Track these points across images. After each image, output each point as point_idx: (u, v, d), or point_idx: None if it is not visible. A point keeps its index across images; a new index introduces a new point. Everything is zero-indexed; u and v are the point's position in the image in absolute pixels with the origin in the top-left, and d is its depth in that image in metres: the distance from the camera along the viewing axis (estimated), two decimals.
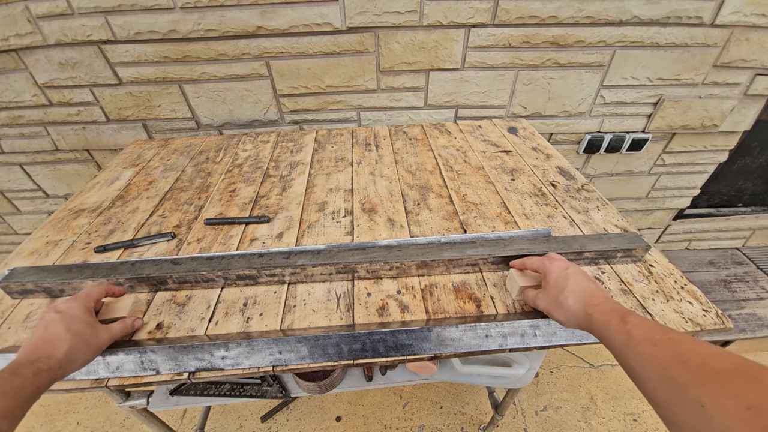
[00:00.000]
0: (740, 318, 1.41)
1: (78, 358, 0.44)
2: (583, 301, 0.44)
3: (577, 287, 0.46)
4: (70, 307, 0.47)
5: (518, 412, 1.28)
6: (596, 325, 0.41)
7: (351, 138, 1.09)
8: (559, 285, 0.48)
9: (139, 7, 0.93)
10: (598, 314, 0.41)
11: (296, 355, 0.50)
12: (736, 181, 1.54)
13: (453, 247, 0.61)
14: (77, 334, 0.45)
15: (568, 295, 0.46)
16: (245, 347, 0.50)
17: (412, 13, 0.98)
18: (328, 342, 0.50)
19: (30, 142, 1.19)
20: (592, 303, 0.43)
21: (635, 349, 0.35)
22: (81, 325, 0.46)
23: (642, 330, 0.36)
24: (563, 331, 0.53)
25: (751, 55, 1.09)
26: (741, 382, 0.26)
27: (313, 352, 0.50)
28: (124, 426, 1.25)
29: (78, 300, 0.48)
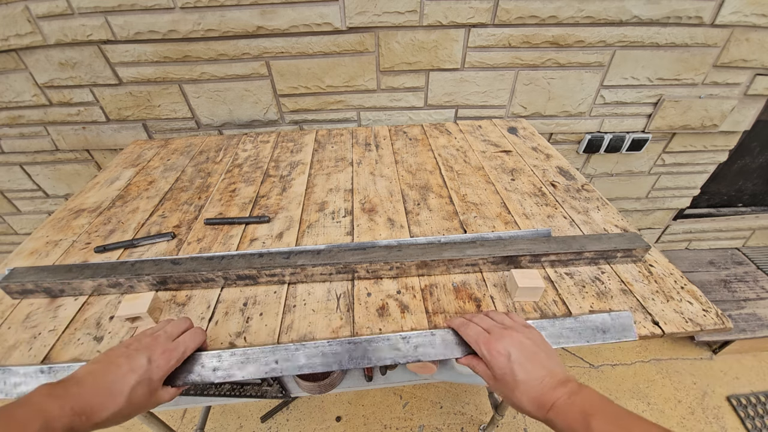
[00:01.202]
0: (740, 318, 1.41)
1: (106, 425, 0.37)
2: (538, 404, 0.39)
3: (527, 385, 0.40)
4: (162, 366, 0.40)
5: (518, 412, 1.28)
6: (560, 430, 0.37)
7: (351, 138, 1.09)
8: (506, 383, 0.41)
9: (139, 7, 0.93)
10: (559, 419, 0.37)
11: (293, 364, 0.49)
12: (736, 181, 1.54)
13: (453, 247, 0.61)
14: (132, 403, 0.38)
15: (519, 396, 0.40)
16: (240, 356, 0.48)
17: (412, 13, 0.98)
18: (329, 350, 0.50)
19: (30, 142, 1.19)
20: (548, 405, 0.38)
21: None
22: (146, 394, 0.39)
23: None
24: (570, 333, 0.52)
25: (751, 55, 1.09)
26: None
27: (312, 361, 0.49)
28: (124, 426, 1.25)
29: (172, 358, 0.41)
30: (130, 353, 0.40)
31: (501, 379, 0.42)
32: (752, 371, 1.42)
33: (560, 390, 0.38)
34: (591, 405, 0.36)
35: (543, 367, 0.41)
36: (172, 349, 0.42)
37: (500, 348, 0.42)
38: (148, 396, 0.40)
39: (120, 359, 0.39)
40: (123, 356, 0.39)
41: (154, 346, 0.41)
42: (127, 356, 0.39)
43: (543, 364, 0.41)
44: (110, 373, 0.37)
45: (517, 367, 0.41)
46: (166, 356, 0.41)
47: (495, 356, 0.42)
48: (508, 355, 0.42)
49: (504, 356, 0.42)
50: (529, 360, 0.41)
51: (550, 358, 0.42)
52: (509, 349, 0.42)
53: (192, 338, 0.45)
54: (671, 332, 0.53)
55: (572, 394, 0.37)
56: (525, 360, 0.41)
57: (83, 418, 0.34)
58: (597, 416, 0.34)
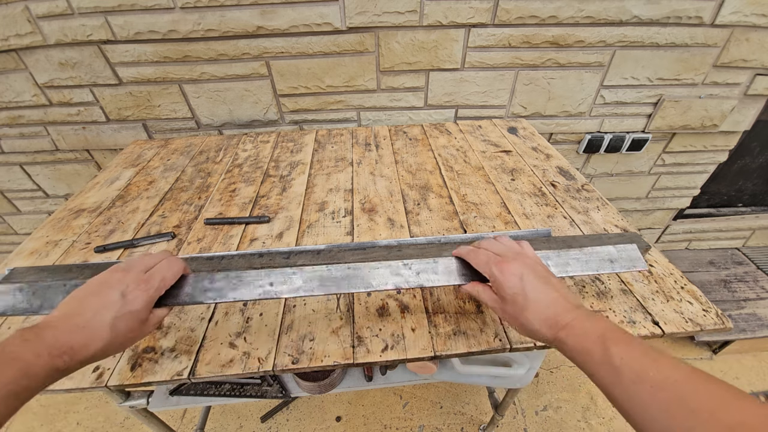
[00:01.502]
0: (740, 318, 1.41)
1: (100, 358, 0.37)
2: (550, 323, 0.38)
3: (540, 305, 0.39)
4: (138, 296, 0.39)
5: (518, 412, 1.28)
6: (570, 351, 0.36)
7: (351, 138, 1.09)
8: (517, 303, 0.40)
9: (139, 7, 0.93)
10: (572, 339, 0.35)
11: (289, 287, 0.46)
12: (736, 181, 1.54)
13: (453, 247, 0.61)
14: (120, 335, 0.37)
15: (530, 316, 0.39)
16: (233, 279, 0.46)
17: (412, 13, 0.98)
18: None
19: (30, 142, 1.19)
20: (561, 324, 0.37)
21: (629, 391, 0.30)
22: (132, 324, 0.38)
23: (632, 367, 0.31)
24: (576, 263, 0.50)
25: (751, 55, 1.09)
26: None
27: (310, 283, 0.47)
28: (124, 426, 1.25)
29: (149, 288, 0.40)
30: (101, 290, 0.39)
31: (511, 299, 0.40)
32: (752, 371, 1.42)
33: (575, 312, 0.37)
34: (610, 330, 0.34)
35: (556, 290, 0.40)
36: (146, 279, 0.41)
37: (513, 269, 0.41)
38: (137, 326, 0.39)
39: (88, 299, 0.38)
40: (91, 295, 0.39)
41: (125, 280, 0.40)
42: (97, 294, 0.38)
43: (556, 287, 0.40)
44: (82, 315, 0.36)
45: (529, 287, 0.40)
46: (142, 287, 0.40)
47: (508, 277, 0.41)
48: (521, 275, 0.41)
49: (517, 276, 0.41)
50: (542, 282, 0.40)
51: (562, 284, 0.42)
52: (522, 270, 0.41)
53: (168, 267, 0.43)
54: (671, 332, 0.53)
55: (588, 317, 0.36)
56: (537, 281, 0.40)
57: (66, 358, 0.34)
58: (618, 343, 0.33)
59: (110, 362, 0.51)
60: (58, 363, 0.33)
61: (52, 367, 0.33)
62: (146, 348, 0.53)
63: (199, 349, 0.52)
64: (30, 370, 0.31)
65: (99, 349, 0.36)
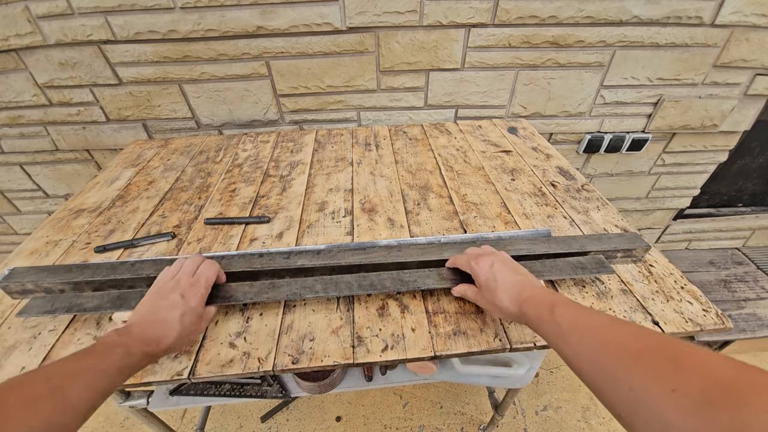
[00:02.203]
0: (740, 318, 1.41)
1: (178, 348, 0.46)
2: (514, 299, 0.45)
3: (506, 285, 0.47)
4: (193, 296, 0.48)
5: (518, 412, 1.28)
6: (531, 321, 0.43)
7: (351, 138, 1.09)
8: (489, 287, 0.48)
9: (139, 7, 0.93)
10: (531, 310, 0.43)
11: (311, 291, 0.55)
12: (736, 181, 1.54)
13: (453, 247, 0.61)
14: (186, 327, 0.46)
15: (500, 295, 0.47)
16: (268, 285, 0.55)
17: (412, 13, 0.98)
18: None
19: (30, 142, 1.19)
20: (523, 298, 0.45)
21: (565, 340, 0.37)
22: (194, 319, 0.47)
23: (568, 320, 0.38)
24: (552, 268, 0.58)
25: (751, 55, 1.09)
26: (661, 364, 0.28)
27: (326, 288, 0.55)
28: (124, 426, 1.25)
29: (199, 288, 0.49)
30: (164, 295, 0.48)
31: (485, 285, 0.49)
32: None
33: (534, 290, 0.45)
34: (559, 300, 0.42)
35: (521, 275, 0.49)
36: (194, 282, 0.50)
37: (485, 261, 0.51)
38: (197, 320, 0.48)
39: (159, 302, 0.47)
40: (160, 299, 0.47)
41: (180, 284, 0.49)
42: (163, 298, 0.47)
43: (521, 273, 0.49)
44: (157, 314, 0.46)
45: (498, 273, 0.49)
46: (194, 289, 0.49)
47: (481, 266, 0.50)
48: (491, 264, 0.50)
49: (488, 265, 0.50)
50: (509, 270, 0.49)
51: (527, 273, 0.50)
52: (492, 260, 0.50)
53: (208, 268, 0.53)
54: (671, 332, 0.53)
55: (544, 293, 0.44)
56: (505, 269, 0.49)
57: (153, 345, 0.43)
58: (561, 305, 0.40)
59: None
60: (148, 349, 0.42)
61: (145, 352, 0.42)
62: None
63: (199, 349, 0.52)
64: (131, 351, 0.40)
65: (174, 339, 0.45)
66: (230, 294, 0.54)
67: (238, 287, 0.55)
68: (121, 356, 0.39)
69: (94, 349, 0.39)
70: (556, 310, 0.39)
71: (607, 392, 0.31)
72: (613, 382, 0.30)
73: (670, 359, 0.28)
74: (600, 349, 0.33)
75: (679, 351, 0.28)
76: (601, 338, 0.33)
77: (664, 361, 0.28)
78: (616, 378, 0.30)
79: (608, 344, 0.32)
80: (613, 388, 0.30)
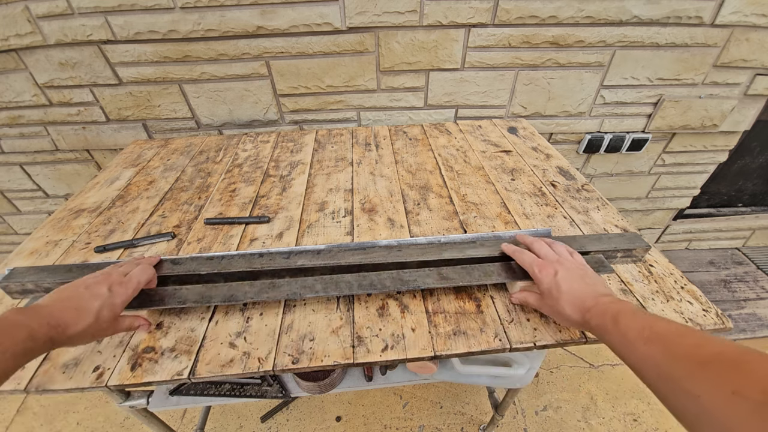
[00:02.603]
0: (740, 318, 1.41)
1: (77, 341, 0.43)
2: (578, 308, 0.45)
3: (570, 294, 0.46)
4: (119, 294, 0.47)
5: (518, 412, 1.28)
6: (595, 330, 0.42)
7: (351, 138, 1.09)
8: (552, 295, 0.48)
9: (139, 7, 0.93)
10: (594, 319, 0.42)
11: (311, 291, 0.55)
12: (736, 181, 1.54)
13: (453, 247, 0.61)
14: (99, 323, 0.44)
15: (563, 304, 0.46)
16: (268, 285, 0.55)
17: (412, 13, 0.98)
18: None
19: (30, 142, 1.19)
20: (586, 307, 0.44)
21: (631, 350, 0.37)
22: (109, 315, 0.45)
23: (633, 329, 0.37)
24: None
25: (751, 55, 1.09)
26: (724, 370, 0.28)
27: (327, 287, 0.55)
28: (124, 426, 1.25)
29: (127, 289, 0.48)
30: (89, 284, 0.46)
31: (548, 293, 0.48)
32: None
33: (599, 298, 0.44)
34: (624, 308, 0.41)
35: (586, 284, 0.47)
36: (126, 281, 0.49)
37: (549, 269, 0.50)
38: (112, 319, 0.46)
39: (81, 290, 0.45)
40: (84, 288, 0.46)
41: (110, 279, 0.48)
42: (87, 286, 0.46)
43: (586, 282, 0.48)
44: (75, 298, 0.44)
45: (562, 281, 0.48)
46: (123, 287, 0.48)
47: (544, 275, 0.49)
48: (555, 272, 0.49)
49: (551, 274, 0.49)
50: (575, 278, 0.48)
51: (595, 280, 0.49)
52: (557, 268, 0.49)
53: (142, 272, 0.52)
54: None
55: (611, 302, 0.43)
56: (570, 276, 0.48)
57: (59, 330, 0.40)
58: (627, 315, 0.39)
59: (110, 362, 0.51)
60: (53, 334, 0.39)
61: (49, 337, 0.39)
62: (146, 348, 0.53)
63: (199, 349, 0.52)
64: (35, 334, 0.37)
65: (82, 329, 0.42)
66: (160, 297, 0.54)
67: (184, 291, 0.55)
68: (24, 339, 0.36)
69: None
70: (621, 320, 0.39)
71: (675, 401, 0.31)
72: (679, 391, 0.30)
73: (732, 364, 0.28)
74: (665, 359, 0.33)
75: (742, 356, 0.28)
76: (666, 348, 0.33)
77: (727, 367, 0.28)
78: (682, 387, 0.30)
79: (674, 353, 0.32)
80: (679, 396, 0.30)
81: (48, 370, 0.50)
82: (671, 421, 1.23)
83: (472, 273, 0.57)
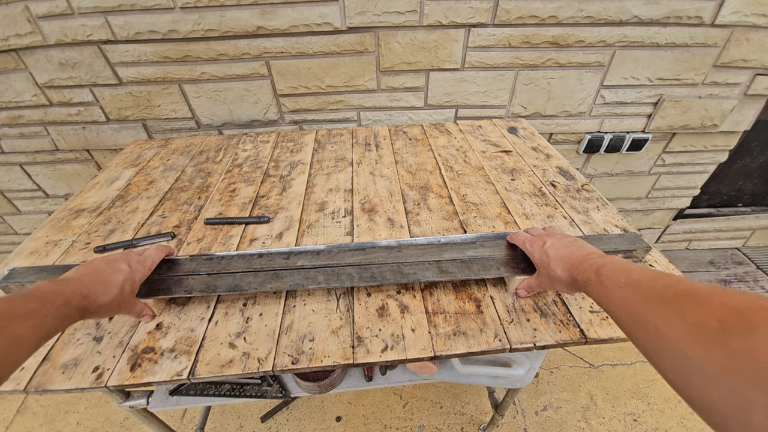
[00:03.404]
0: None
1: (105, 312, 0.47)
2: (567, 267, 0.48)
3: (558, 256, 0.50)
4: (138, 270, 0.51)
5: (518, 412, 1.28)
6: (582, 285, 0.44)
7: (351, 138, 1.09)
8: (543, 263, 0.51)
9: (139, 7, 0.93)
10: (581, 275, 0.44)
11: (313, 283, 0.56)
12: (736, 181, 1.54)
13: (453, 248, 0.61)
14: (123, 295, 0.48)
15: (553, 267, 0.49)
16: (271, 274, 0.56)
17: (412, 13, 0.98)
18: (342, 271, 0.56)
19: (30, 142, 1.19)
20: (574, 265, 0.46)
21: (607, 296, 0.39)
22: (130, 290, 0.49)
23: (611, 278, 0.39)
24: None
25: (751, 55, 1.09)
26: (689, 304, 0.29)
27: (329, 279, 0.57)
28: (124, 426, 1.25)
29: (144, 266, 0.52)
30: (110, 261, 0.50)
31: (540, 262, 0.52)
32: None
33: (588, 256, 0.46)
34: (606, 260, 0.42)
35: (576, 248, 0.49)
36: (143, 260, 0.53)
37: (539, 242, 0.54)
38: (132, 294, 0.50)
39: (103, 265, 0.48)
40: (106, 262, 0.49)
41: (128, 257, 0.52)
42: (107, 263, 0.49)
43: (576, 246, 0.50)
44: (101, 272, 0.47)
45: (550, 249, 0.51)
46: (140, 264, 0.52)
47: (535, 248, 0.53)
48: (544, 243, 0.53)
49: (540, 245, 0.53)
50: (562, 245, 0.51)
51: (584, 245, 0.50)
52: (545, 239, 0.53)
53: (157, 252, 0.57)
54: None
55: (598, 257, 0.45)
56: (558, 245, 0.51)
57: (90, 300, 0.43)
58: (607, 265, 0.41)
59: (110, 362, 0.51)
60: (85, 303, 0.42)
61: (82, 306, 0.42)
62: (146, 348, 0.53)
63: (199, 349, 0.52)
64: (70, 301, 0.40)
65: (109, 300, 0.45)
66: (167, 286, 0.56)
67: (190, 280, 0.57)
68: (61, 305, 0.39)
69: (32, 295, 0.39)
70: (602, 271, 0.41)
71: (638, 334, 0.33)
72: (642, 324, 0.32)
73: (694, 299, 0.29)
74: (636, 299, 0.34)
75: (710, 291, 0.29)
76: (639, 290, 0.35)
77: (691, 300, 0.29)
78: (645, 320, 0.31)
79: (645, 295, 0.34)
80: (643, 329, 0.32)
81: (48, 370, 0.50)
82: (671, 421, 1.23)
83: (471, 267, 0.57)
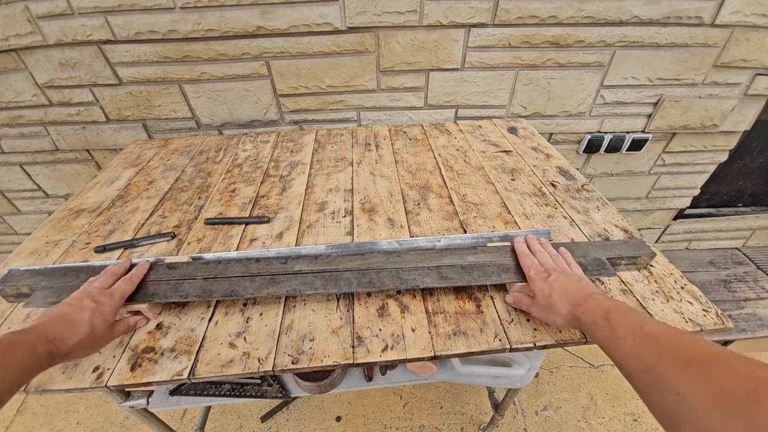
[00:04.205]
0: (740, 318, 1.40)
1: (78, 354, 0.45)
2: (569, 303, 0.46)
3: (561, 289, 0.48)
4: (106, 304, 0.49)
5: (518, 412, 1.28)
6: (585, 326, 0.43)
7: (351, 138, 1.09)
8: (543, 293, 0.50)
9: (139, 7, 0.93)
10: (585, 316, 0.43)
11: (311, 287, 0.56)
12: (736, 181, 1.54)
13: (453, 254, 0.60)
14: (94, 332, 0.46)
15: (556, 299, 0.48)
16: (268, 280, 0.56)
17: (412, 13, 0.98)
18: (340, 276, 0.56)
19: (30, 142, 1.19)
20: (578, 303, 0.45)
21: (619, 345, 0.37)
22: (102, 326, 0.47)
23: (624, 326, 0.38)
24: None
25: (751, 55, 1.09)
26: (711, 368, 0.28)
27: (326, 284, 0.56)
28: (124, 426, 1.25)
29: (113, 299, 0.50)
30: (74, 301, 0.48)
31: (539, 293, 0.50)
32: None
33: (590, 296, 0.45)
34: (614, 306, 0.41)
35: (580, 287, 0.48)
36: (110, 292, 0.51)
37: (543, 273, 0.52)
38: (107, 328, 0.48)
39: (66, 306, 0.47)
40: (69, 303, 0.48)
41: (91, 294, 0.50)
42: (69, 303, 0.48)
43: (580, 284, 0.49)
44: (65, 314, 0.46)
45: (555, 282, 0.50)
46: (108, 297, 0.50)
47: (538, 278, 0.52)
48: (548, 275, 0.51)
49: (544, 277, 0.51)
50: (567, 281, 0.50)
51: (589, 284, 0.50)
52: (551, 272, 0.52)
53: (125, 284, 0.54)
54: None
55: (604, 299, 0.44)
56: (562, 279, 0.50)
57: (56, 343, 0.41)
58: (617, 312, 0.40)
59: (110, 362, 0.51)
60: (51, 348, 0.41)
61: (48, 351, 0.40)
62: (146, 348, 0.53)
63: (199, 349, 0.52)
64: (34, 350, 0.39)
65: (79, 340, 0.44)
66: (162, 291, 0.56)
67: (186, 285, 0.56)
68: (24, 355, 0.38)
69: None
70: (612, 316, 0.40)
71: (655, 396, 0.31)
72: (661, 385, 0.30)
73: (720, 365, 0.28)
74: (652, 355, 0.33)
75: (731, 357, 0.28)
76: (654, 344, 0.33)
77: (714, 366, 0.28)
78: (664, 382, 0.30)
79: (661, 350, 0.32)
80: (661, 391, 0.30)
81: (48, 370, 0.50)
82: None
83: (472, 273, 0.57)
